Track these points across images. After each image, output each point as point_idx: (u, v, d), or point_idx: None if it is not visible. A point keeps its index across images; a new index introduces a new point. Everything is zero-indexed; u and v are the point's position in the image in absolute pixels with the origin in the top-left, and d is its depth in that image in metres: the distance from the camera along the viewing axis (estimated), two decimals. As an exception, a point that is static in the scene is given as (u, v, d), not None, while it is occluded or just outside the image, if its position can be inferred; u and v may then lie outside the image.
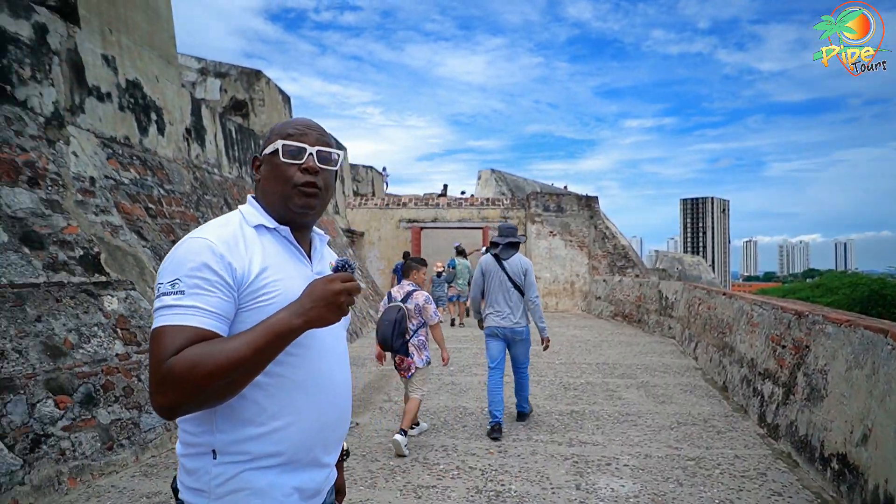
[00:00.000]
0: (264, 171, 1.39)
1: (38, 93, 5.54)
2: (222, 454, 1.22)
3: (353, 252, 16.02)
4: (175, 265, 1.19)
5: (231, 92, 11.78)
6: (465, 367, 8.40)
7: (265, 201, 1.38)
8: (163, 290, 1.17)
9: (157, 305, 1.17)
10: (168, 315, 1.15)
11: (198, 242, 1.21)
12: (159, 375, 1.10)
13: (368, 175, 23.92)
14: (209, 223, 1.32)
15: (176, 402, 1.11)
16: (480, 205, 18.21)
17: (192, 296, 1.16)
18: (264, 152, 1.39)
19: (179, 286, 1.16)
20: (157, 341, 1.13)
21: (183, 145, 8.18)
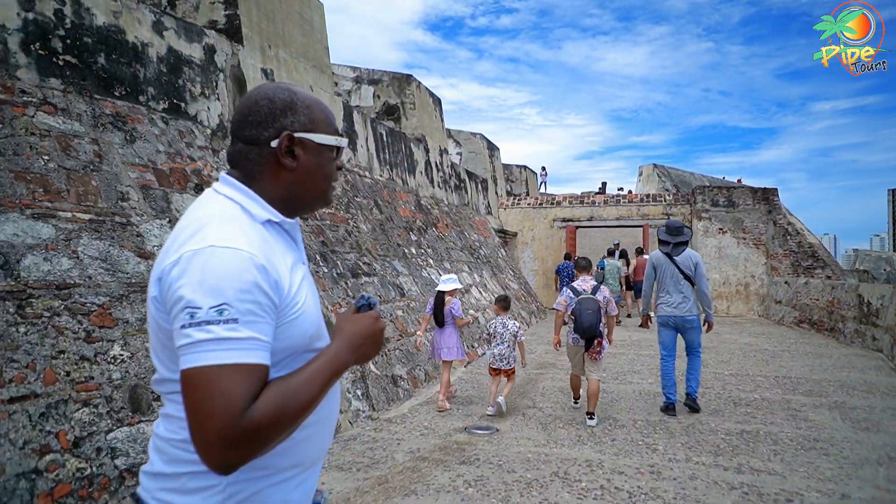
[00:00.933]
0: (307, 160, 1.19)
1: (206, 107, 6.05)
2: (244, 470, 1.04)
3: (505, 252, 15.85)
4: (215, 284, 0.98)
5: (383, 97, 12.21)
6: (619, 374, 7.76)
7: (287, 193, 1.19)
8: (204, 318, 0.96)
9: (198, 337, 0.96)
10: (226, 351, 0.95)
11: (239, 256, 1.01)
12: (238, 431, 0.93)
13: (522, 175, 23.65)
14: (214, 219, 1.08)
15: (251, 456, 0.96)
16: (640, 201, 17.06)
17: (247, 325, 0.98)
18: (310, 137, 1.19)
19: (230, 313, 0.97)
20: (219, 386, 0.94)
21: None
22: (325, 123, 1.23)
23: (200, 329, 0.96)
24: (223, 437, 0.92)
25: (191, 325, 0.96)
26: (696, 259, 5.91)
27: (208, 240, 1.02)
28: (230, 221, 1.08)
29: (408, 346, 7.06)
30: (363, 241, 7.78)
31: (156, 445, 1.14)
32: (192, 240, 1.03)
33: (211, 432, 0.93)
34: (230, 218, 1.09)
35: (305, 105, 1.20)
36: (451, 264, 10.71)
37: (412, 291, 8.22)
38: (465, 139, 17.47)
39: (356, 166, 9.10)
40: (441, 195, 12.87)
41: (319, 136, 1.20)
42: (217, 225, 1.06)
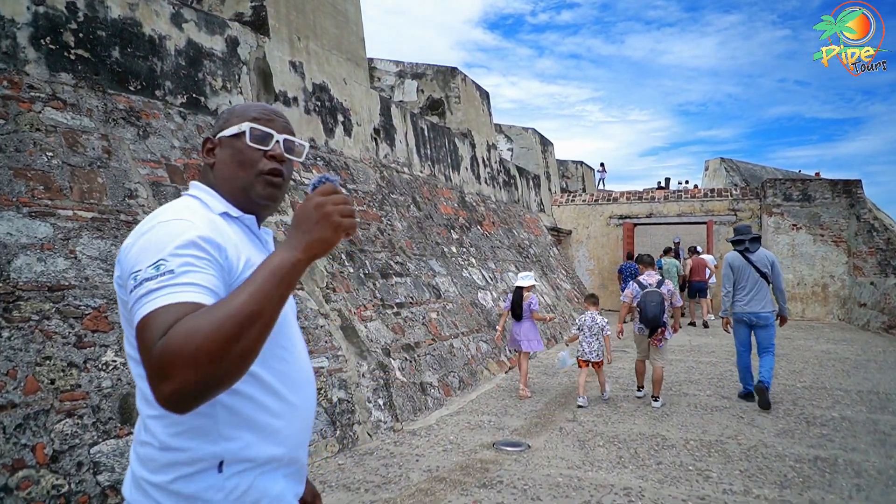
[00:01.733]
0: (222, 155, 1.27)
1: (227, 101, 5.83)
2: (230, 464, 1.10)
3: (558, 251, 15.20)
4: (155, 247, 1.04)
5: (427, 91, 11.84)
6: (673, 383, 7.07)
7: (222, 188, 1.26)
8: (144, 276, 1.01)
9: (139, 293, 1.00)
10: (156, 299, 0.98)
11: (179, 223, 1.09)
12: (154, 359, 0.92)
13: (578, 171, 22.80)
14: (167, 208, 1.15)
15: (185, 382, 0.91)
16: (704, 196, 15.99)
17: (184, 274, 1.01)
18: (222, 134, 1.27)
19: (166, 266, 1.01)
20: (146, 329, 0.96)
21: (371, 145, 8.23)
22: (237, 118, 1.27)
23: (141, 286, 1.00)
24: (149, 370, 0.93)
25: (135, 286, 1.01)
26: (771, 258, 6.18)
27: (156, 219, 1.11)
28: (184, 207, 1.16)
29: (441, 350, 6.65)
30: (397, 239, 7.42)
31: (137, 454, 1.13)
32: (146, 224, 1.11)
33: (147, 370, 0.94)
34: (185, 206, 1.17)
35: (230, 111, 1.30)
36: (497, 264, 10.22)
37: (450, 293, 7.80)
38: (517, 134, 16.90)
39: (394, 162, 8.77)
40: (488, 192, 12.39)
41: (228, 129, 1.26)
42: (170, 210, 1.14)
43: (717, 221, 15.57)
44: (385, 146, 8.62)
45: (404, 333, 6.20)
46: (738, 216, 15.46)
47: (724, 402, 6.16)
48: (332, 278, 5.66)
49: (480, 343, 7.65)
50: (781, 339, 10.73)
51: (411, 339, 6.24)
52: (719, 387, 6.90)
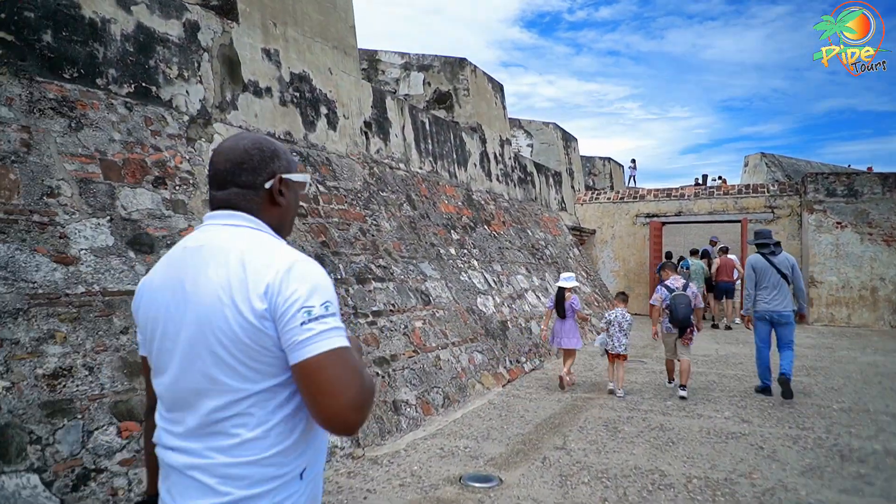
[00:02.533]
0: (290, 196, 1.41)
1: (184, 91, 5.34)
2: (308, 472, 1.29)
3: (579, 252, 14.38)
4: (323, 289, 1.21)
5: (434, 84, 11.23)
6: (685, 404, 6.28)
7: (278, 224, 1.39)
8: (319, 313, 1.17)
9: (319, 328, 1.16)
10: (340, 336, 1.18)
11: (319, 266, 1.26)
12: (364, 393, 1.16)
13: (606, 168, 21.82)
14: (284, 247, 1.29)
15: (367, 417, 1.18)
16: (738, 193, 14.92)
17: (338, 316, 1.21)
18: (291, 178, 1.40)
19: (332, 308, 1.20)
20: (346, 361, 1.16)
21: (360, 139, 7.67)
22: (296, 164, 1.45)
23: (319, 322, 1.16)
24: (359, 402, 1.15)
25: (310, 320, 1.16)
26: (792, 261, 6.62)
27: (292, 255, 1.25)
28: (283, 244, 1.32)
29: (424, 363, 6.03)
30: (382, 240, 6.83)
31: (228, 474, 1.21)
32: (276, 258, 1.23)
33: (347, 401, 1.13)
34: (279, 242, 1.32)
35: (284, 151, 1.41)
36: (504, 266, 9.53)
37: (442, 298, 7.17)
38: (537, 129, 16.14)
39: (388, 157, 8.18)
40: (500, 189, 11.69)
41: (296, 175, 1.42)
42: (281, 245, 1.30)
43: (752, 220, 14.49)
44: (377, 141, 8.04)
45: (379, 345, 5.60)
46: (775, 213, 14.36)
47: (742, 428, 5.37)
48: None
49: (475, 354, 7.00)
50: (821, 350, 9.73)
51: (387, 350, 5.64)
52: (741, 407, 6.09)
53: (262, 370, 1.20)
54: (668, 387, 7.01)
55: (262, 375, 1.20)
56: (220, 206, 1.34)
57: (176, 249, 1.34)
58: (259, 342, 1.18)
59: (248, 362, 1.20)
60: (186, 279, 1.25)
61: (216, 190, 1.35)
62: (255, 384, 1.20)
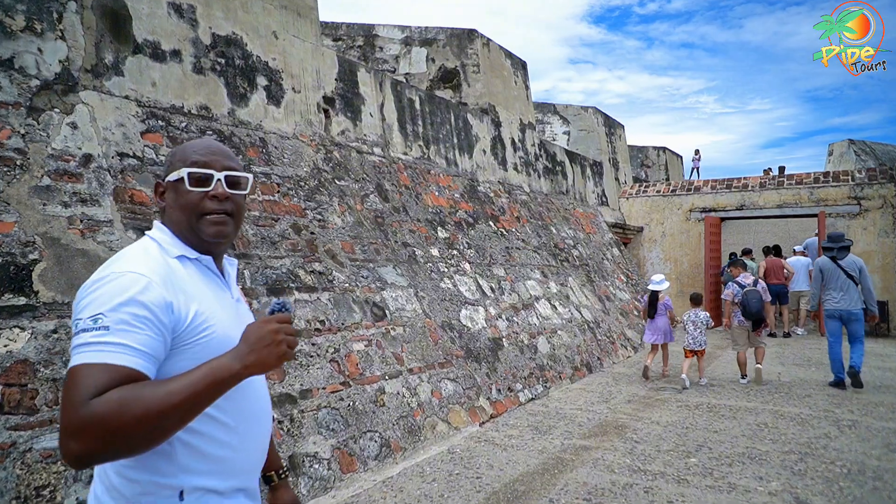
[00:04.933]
0: (170, 198, 1.35)
1: (34, 48, 4.17)
2: (190, 493, 1.19)
3: (620, 253, 12.56)
4: (98, 299, 1.12)
5: (439, 60, 9.80)
6: (718, 455, 4.56)
7: (174, 230, 1.33)
8: (82, 327, 1.10)
9: (74, 343, 1.10)
10: (88, 352, 1.07)
11: (129, 277, 1.15)
12: (77, 419, 1.01)
13: (661, 158, 19.64)
14: (127, 253, 1.25)
15: (93, 449, 1.02)
16: (813, 182, 12.64)
17: (117, 332, 1.09)
18: (167, 179, 1.35)
19: (103, 321, 1.10)
20: (73, 381, 1.05)
21: (316, 118, 6.36)
22: (179, 161, 1.34)
23: (77, 336, 1.10)
24: (67, 427, 1.01)
25: (74, 333, 1.11)
26: (859, 264, 6.91)
27: (110, 267, 1.18)
28: (139, 253, 1.24)
29: (357, 399, 4.62)
30: (327, 239, 5.48)
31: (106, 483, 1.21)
32: (102, 270, 1.18)
33: (63, 423, 1.02)
34: (142, 251, 1.25)
35: (173, 154, 1.38)
36: (509, 269, 7.99)
37: (405, 311, 5.74)
38: (574, 115, 14.37)
39: (356, 140, 6.84)
40: (518, 180, 10.12)
41: (171, 174, 1.34)
42: (125, 256, 1.22)
43: (832, 213, 12.20)
44: (343, 120, 6.71)
45: (284, 377, 4.24)
46: (861, 206, 12.02)
47: None
48: (154, 298, 3.81)
49: (443, 383, 5.53)
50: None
51: (296, 385, 4.27)
52: (798, 473, 4.32)
53: None
54: (742, 383, 7.27)
55: None
56: None
57: None
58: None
59: None
60: None
61: None
62: None
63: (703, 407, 6.17)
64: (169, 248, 1.28)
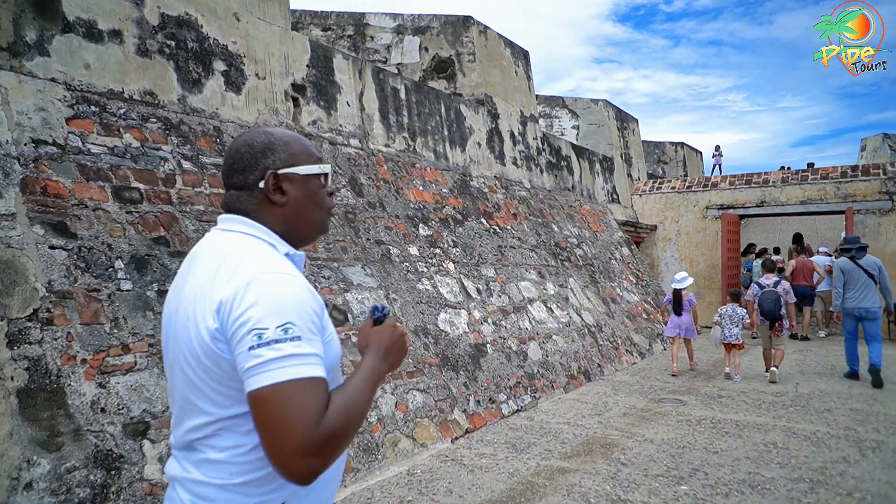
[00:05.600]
0: (297, 193, 1.27)
1: (-60, 25, 3.79)
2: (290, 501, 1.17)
3: (630, 252, 11.91)
4: (285, 309, 1.06)
5: (433, 49, 9.29)
6: (715, 483, 3.96)
7: (282, 226, 1.26)
8: (273, 337, 1.03)
9: (270, 356, 1.02)
10: (296, 366, 1.02)
11: (292, 280, 1.12)
12: (317, 437, 1.00)
13: (678, 154, 18.83)
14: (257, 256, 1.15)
15: (329, 463, 1.03)
16: (840, 177, 11.82)
17: (308, 342, 1.06)
18: (293, 171, 1.26)
19: (294, 331, 1.04)
20: (294, 398, 1.00)
21: (284, 106, 5.91)
22: (305, 154, 1.29)
23: (270, 348, 1.01)
24: (305, 447, 0.98)
25: (259, 345, 1.02)
26: (878, 263, 7.18)
27: (258, 268, 1.10)
28: (265, 252, 1.17)
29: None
30: (284, 236, 5.01)
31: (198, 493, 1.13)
32: (240, 271, 1.10)
33: (293, 444, 0.98)
34: (263, 250, 1.18)
35: (283, 142, 1.27)
36: (500, 270, 7.44)
37: (373, 315, 5.23)
38: (584, 108, 13.73)
39: (330, 130, 6.37)
40: (517, 175, 9.56)
41: (301, 167, 1.26)
42: (256, 255, 1.15)
43: (860, 210, 11.37)
44: (315, 109, 6.25)
45: (213, 390, 3.77)
46: (894, 201, 11.18)
47: None
48: (58, 298, 3.38)
49: (412, 394, 5.01)
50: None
51: (227, 399, 3.80)
52: (804, 504, 3.71)
53: (228, 394, 1.11)
54: (765, 375, 7.50)
55: (230, 400, 1.10)
56: (224, 208, 1.29)
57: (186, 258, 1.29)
58: (216, 364, 1.10)
59: (212, 384, 1.12)
60: (174, 295, 1.23)
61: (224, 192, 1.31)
62: (224, 409, 1.12)
63: (705, 422, 5.55)
64: (278, 246, 1.23)
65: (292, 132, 1.33)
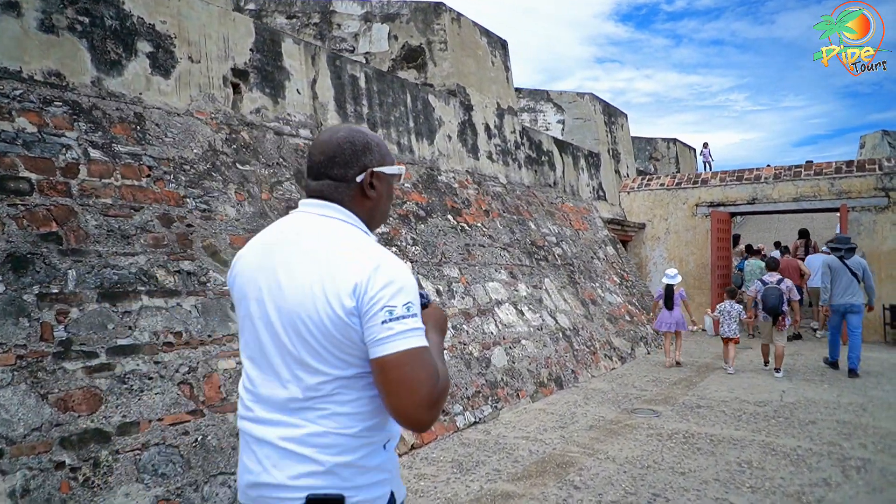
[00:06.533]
0: (383, 189, 1.47)
1: None
2: (390, 443, 1.41)
3: (614, 251, 11.43)
4: (407, 290, 1.28)
5: (403, 38, 8.82)
6: (676, 519, 3.49)
7: (369, 216, 1.46)
8: (401, 313, 1.25)
9: (400, 328, 1.24)
10: (418, 336, 1.26)
11: (404, 266, 1.33)
12: (437, 392, 1.24)
13: (670, 150, 18.33)
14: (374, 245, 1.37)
15: (438, 415, 1.27)
16: (835, 172, 11.33)
17: (419, 317, 1.28)
18: (383, 170, 1.45)
19: (413, 309, 1.27)
20: (421, 361, 1.24)
21: (221, 93, 5.44)
22: (390, 157, 1.49)
23: (398, 322, 1.24)
24: (429, 401, 1.23)
25: (391, 319, 1.24)
26: (863, 264, 7.70)
27: (378, 254, 1.31)
28: (368, 239, 1.39)
29: (211, 432, 3.66)
30: (209, 233, 4.55)
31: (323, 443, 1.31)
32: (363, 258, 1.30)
33: (419, 398, 1.22)
34: (365, 237, 1.40)
35: (377, 144, 1.47)
36: (465, 270, 6.97)
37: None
38: (569, 102, 13.24)
39: (276, 120, 5.91)
40: (492, 170, 9.09)
41: (388, 168, 1.47)
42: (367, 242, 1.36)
43: (855, 207, 10.89)
44: (259, 96, 5.78)
45: (97, 407, 3.30)
46: (890, 197, 10.70)
47: None
48: None
49: (349, 407, 4.54)
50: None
51: (117, 416, 3.33)
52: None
53: (348, 360, 1.30)
54: (765, 369, 8.01)
55: (349, 363, 1.30)
56: (313, 195, 1.43)
57: (272, 232, 1.44)
58: (346, 336, 1.28)
59: (336, 352, 1.30)
60: (279, 267, 1.35)
61: (312, 180, 1.45)
62: (343, 370, 1.31)
63: (677, 437, 5.08)
64: (370, 234, 1.44)
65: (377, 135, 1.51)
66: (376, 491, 1.34)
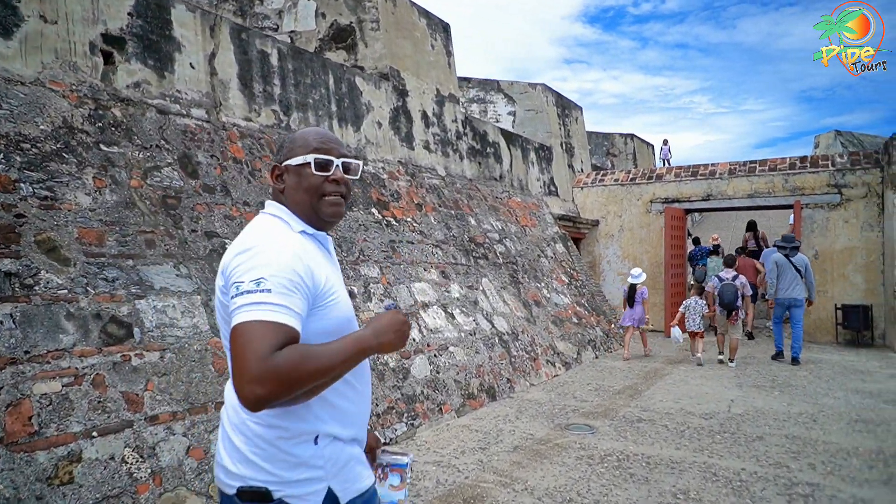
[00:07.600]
0: (291, 181, 1.53)
1: None
2: (322, 438, 1.39)
3: (564, 249, 10.88)
4: (257, 266, 1.30)
5: (331, 16, 8.08)
6: None
7: (294, 209, 1.51)
8: (245, 289, 1.26)
9: (240, 302, 1.26)
10: (258, 310, 1.23)
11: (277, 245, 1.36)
12: (262, 368, 1.18)
13: (628, 146, 17.95)
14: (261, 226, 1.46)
15: (273, 395, 1.19)
16: (789, 168, 11.00)
17: (278, 295, 1.26)
18: (289, 163, 1.53)
19: (265, 284, 1.27)
20: (251, 335, 1.21)
21: (87, 62, 4.63)
22: (301, 148, 1.52)
23: (241, 296, 1.26)
24: (252, 374, 1.17)
25: (237, 294, 1.27)
26: (805, 262, 8.24)
27: (255, 241, 1.37)
28: (272, 227, 1.45)
29: (12, 476, 2.90)
30: (47, 225, 3.77)
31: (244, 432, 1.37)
32: (241, 242, 1.39)
33: (244, 370, 1.18)
34: (272, 226, 1.46)
35: (291, 140, 1.56)
36: (385, 269, 6.28)
37: (173, 330, 4.03)
38: (521, 93, 12.66)
39: (161, 96, 5.12)
40: (429, 161, 8.42)
41: (293, 159, 1.52)
42: (262, 230, 1.43)
43: (809, 204, 10.56)
44: (139, 69, 4.98)
45: None
46: (843, 195, 10.40)
47: None
48: None
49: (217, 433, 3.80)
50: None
51: None
52: None
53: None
54: (720, 358, 8.38)
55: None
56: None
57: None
58: (228, 313, 1.31)
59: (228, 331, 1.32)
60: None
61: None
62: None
63: (611, 459, 4.49)
64: (292, 224, 1.48)
65: (318, 129, 1.59)
66: (306, 487, 1.35)
